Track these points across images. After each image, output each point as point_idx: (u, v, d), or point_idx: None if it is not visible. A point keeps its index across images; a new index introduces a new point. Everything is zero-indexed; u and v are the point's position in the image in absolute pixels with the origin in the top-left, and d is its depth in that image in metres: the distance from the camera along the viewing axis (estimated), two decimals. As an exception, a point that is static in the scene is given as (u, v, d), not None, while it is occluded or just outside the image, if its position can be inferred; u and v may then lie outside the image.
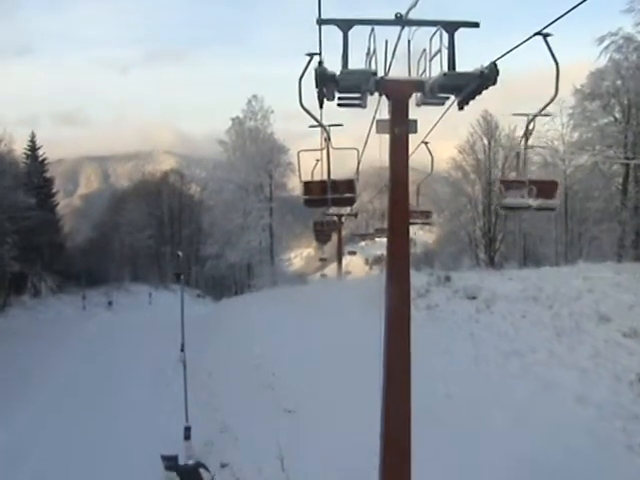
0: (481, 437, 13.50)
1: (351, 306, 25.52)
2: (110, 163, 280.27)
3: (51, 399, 22.05)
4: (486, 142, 51.93)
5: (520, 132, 45.14)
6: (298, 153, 11.68)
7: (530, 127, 9.51)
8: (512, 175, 31.52)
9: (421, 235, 68.40)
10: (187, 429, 16.58)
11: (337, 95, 8.64)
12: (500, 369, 17.08)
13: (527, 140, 9.82)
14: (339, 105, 8.98)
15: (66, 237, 63.47)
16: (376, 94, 8.79)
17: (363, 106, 9.01)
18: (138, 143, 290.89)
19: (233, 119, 59.11)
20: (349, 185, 10.96)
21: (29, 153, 55.80)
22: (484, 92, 8.29)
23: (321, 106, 8.94)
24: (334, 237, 42.56)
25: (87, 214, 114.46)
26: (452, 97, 8.69)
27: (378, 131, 8.78)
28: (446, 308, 23.68)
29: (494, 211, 50.25)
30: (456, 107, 8.74)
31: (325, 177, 10.20)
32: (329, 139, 10.32)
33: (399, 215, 8.96)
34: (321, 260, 57.72)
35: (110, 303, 54.02)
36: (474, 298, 23.82)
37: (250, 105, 58.99)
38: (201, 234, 69.19)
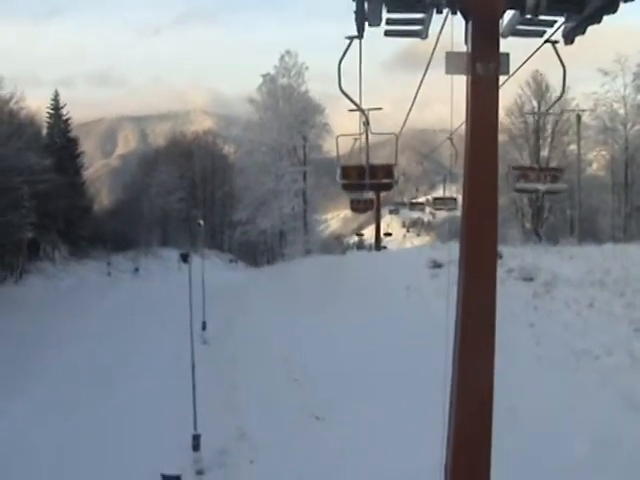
0: (555, 469, 10.81)
1: (393, 290, 22.97)
2: (148, 123, 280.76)
3: (50, 391, 19.73)
4: (535, 104, 48.26)
5: (571, 94, 41.58)
6: (337, 138, 11.33)
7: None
8: None
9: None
10: (196, 437, 14.23)
11: (385, 16, 5.68)
12: (571, 375, 14.18)
13: None
14: (387, 34, 6.00)
15: (93, 200, 61.17)
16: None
17: (423, 35, 6.05)
18: (175, 103, 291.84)
19: (264, 76, 55.46)
20: (387, 170, 10.05)
21: (52, 112, 53.41)
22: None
23: (361, 35, 6.02)
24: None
25: (124, 174, 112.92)
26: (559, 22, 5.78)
27: (449, 71, 5.68)
28: (500, 291, 20.72)
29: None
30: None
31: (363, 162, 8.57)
32: (368, 123, 9.41)
33: (485, 187, 6.11)
34: (358, 235, 55.74)
35: (137, 269, 51.92)
36: (531, 280, 21.48)
37: (283, 61, 55.19)
38: (234, 198, 66.66)
